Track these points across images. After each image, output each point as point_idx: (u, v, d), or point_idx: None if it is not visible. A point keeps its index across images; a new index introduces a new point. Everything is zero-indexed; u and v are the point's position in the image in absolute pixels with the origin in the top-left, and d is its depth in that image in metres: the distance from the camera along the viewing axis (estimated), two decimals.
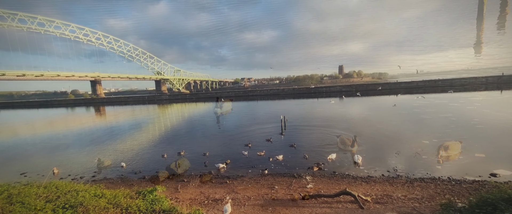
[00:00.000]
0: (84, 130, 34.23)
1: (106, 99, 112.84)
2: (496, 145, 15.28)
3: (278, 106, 50.68)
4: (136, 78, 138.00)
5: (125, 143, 23.35)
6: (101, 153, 19.76)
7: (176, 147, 19.64)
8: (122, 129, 33.38)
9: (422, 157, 13.82)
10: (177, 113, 52.12)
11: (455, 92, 51.46)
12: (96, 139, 26.66)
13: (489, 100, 37.39)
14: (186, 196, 10.63)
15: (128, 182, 13.16)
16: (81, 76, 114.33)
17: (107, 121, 44.09)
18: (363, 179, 11.34)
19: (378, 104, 43.12)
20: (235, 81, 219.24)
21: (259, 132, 23.99)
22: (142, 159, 17.41)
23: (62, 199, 5.99)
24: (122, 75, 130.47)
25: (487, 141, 16.01)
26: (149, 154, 18.58)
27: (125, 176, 14.21)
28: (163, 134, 26.83)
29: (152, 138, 25.01)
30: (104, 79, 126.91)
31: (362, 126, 23.95)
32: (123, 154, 19.02)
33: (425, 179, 10.88)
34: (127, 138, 25.77)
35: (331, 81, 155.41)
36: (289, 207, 9.00)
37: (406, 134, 19.64)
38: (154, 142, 22.75)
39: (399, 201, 8.89)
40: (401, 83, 75.41)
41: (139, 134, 27.71)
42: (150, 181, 12.99)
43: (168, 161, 16.46)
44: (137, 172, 14.79)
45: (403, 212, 8.03)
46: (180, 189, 11.52)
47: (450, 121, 23.11)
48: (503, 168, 11.47)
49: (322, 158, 14.48)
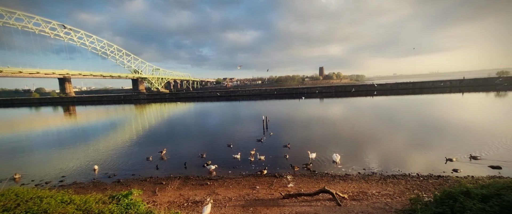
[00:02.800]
0: (51, 131, 31.51)
1: (77, 98, 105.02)
2: (452, 140, 16.78)
3: (260, 107, 50.93)
4: (111, 76, 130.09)
5: (98, 144, 21.91)
6: (70, 156, 18.33)
7: (154, 148, 18.84)
8: (95, 130, 31.29)
9: (395, 155, 14.74)
10: (156, 113, 50.11)
11: (423, 94, 55.65)
12: (64, 140, 24.67)
13: (450, 102, 40.98)
14: (165, 199, 10.24)
15: (100, 186, 12.36)
16: (47, 73, 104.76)
17: (77, 121, 41.03)
18: (341, 177, 11.79)
19: (354, 105, 45.20)
20: (217, 81, 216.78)
21: (242, 132, 23.90)
22: (117, 162, 16.44)
23: (23, 207, 5.42)
24: (95, 73, 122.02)
25: (445, 137, 17.54)
26: (125, 156, 17.62)
27: (97, 180, 13.32)
28: (141, 135, 25.62)
29: (128, 139, 23.74)
30: (74, 77, 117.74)
31: (340, 125, 24.93)
32: (96, 157, 17.82)
33: (396, 176, 11.60)
34: (101, 140, 24.20)
35: (312, 82, 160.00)
36: (270, 206, 9.06)
37: (381, 133, 20.80)
38: (130, 144, 21.62)
39: (373, 197, 9.38)
40: (375, 85, 79.89)
41: (114, 135, 26.17)
42: (125, 185, 12.31)
43: (150, 165, 15.77)
44: (111, 175, 13.95)
45: (377, 207, 8.48)
46: (158, 191, 11.07)
47: (419, 122, 24.96)
48: (460, 161, 12.66)
49: (302, 158, 14.79)
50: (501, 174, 10.92)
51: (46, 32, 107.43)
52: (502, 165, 11.99)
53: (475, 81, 70.05)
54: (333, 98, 61.44)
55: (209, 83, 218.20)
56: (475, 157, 13.27)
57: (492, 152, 14.16)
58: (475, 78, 72.30)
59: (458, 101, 42.45)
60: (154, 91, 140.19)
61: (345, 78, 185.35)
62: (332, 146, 17.25)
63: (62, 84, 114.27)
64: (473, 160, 13.02)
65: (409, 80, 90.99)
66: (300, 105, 50.14)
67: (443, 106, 35.94)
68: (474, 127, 20.58)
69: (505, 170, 11.49)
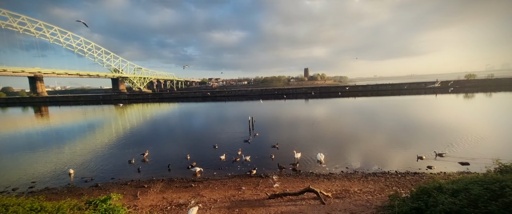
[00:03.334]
0: (19, 134, 29.18)
1: (50, 98, 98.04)
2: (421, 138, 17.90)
3: (246, 107, 50.85)
4: (89, 75, 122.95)
5: (74, 147, 20.63)
6: (42, 160, 17.07)
7: (136, 150, 18.09)
8: (71, 132, 29.43)
9: (376, 153, 15.39)
10: (138, 114, 48.24)
11: (402, 96, 58.72)
12: (35, 143, 22.95)
13: (425, 103, 43.66)
14: (146, 203, 9.87)
15: (76, 191, 11.63)
16: (15, 71, 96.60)
17: (50, 123, 38.32)
18: (325, 176, 12.08)
19: (338, 106, 46.62)
20: (202, 81, 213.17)
21: (227, 133, 23.70)
22: (95, 165, 15.58)
23: None
24: (71, 72, 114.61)
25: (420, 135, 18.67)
26: (104, 159, 16.75)
27: (73, 185, 12.53)
28: (122, 137, 24.48)
29: (107, 141, 22.60)
30: (47, 75, 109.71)
31: (324, 125, 25.59)
32: (71, 160, 16.76)
33: (377, 174, 12.12)
34: (77, 142, 22.82)
35: (297, 83, 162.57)
36: (256, 207, 9.05)
37: (363, 133, 21.62)
38: (109, 146, 20.60)
39: (356, 195, 9.72)
40: (358, 86, 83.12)
41: (92, 137, 24.80)
42: (103, 189, 11.70)
43: (131, 168, 15.12)
44: (88, 179, 13.18)
45: (359, 205, 8.79)
46: (140, 195, 10.64)
47: (397, 122, 26.29)
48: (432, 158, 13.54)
49: (288, 158, 14.96)
50: (469, 170, 11.80)
51: (14, 27, 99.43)
52: (469, 161, 13.01)
53: (447, 83, 75.24)
54: (317, 99, 62.92)
55: (194, 83, 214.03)
56: (440, 154, 14.25)
57: (459, 149, 15.27)
58: (447, 81, 77.67)
59: (431, 102, 45.28)
60: (136, 91, 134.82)
61: (329, 80, 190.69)
62: (316, 146, 17.64)
63: (33, 83, 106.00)
64: (438, 157, 13.94)
65: (389, 82, 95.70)
66: (285, 105, 50.76)
67: (419, 107, 38.17)
68: (444, 126, 22.04)
69: (472, 166, 12.45)
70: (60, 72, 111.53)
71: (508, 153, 13.26)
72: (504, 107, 35.01)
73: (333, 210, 8.41)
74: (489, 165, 8.54)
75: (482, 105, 39.08)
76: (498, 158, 8.24)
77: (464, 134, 18.72)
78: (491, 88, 65.71)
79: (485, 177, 6.38)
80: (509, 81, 71.33)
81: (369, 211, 8.15)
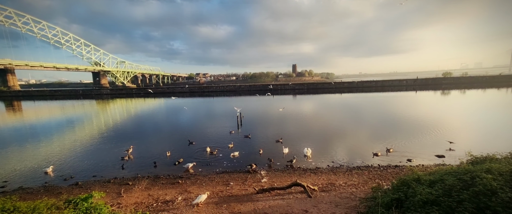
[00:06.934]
0: None
1: (23, 92, 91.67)
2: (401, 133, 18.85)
3: (234, 103, 50.53)
4: (67, 68, 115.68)
5: (51, 144, 19.54)
6: (15, 158, 16.01)
7: (120, 147, 17.46)
8: (47, 128, 27.77)
9: (360, 147, 15.95)
10: (121, 110, 46.43)
11: (385, 92, 61.04)
12: (7, 140, 21.44)
13: (406, 99, 45.74)
14: (131, 200, 9.59)
15: (54, 190, 11.06)
16: None
17: (24, 118, 35.89)
18: (311, 171, 12.36)
19: (325, 102, 47.63)
20: (189, 76, 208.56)
21: (215, 128, 23.48)
22: (75, 163, 14.88)
23: None
24: (47, 64, 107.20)
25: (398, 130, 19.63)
26: (85, 157, 16.01)
27: (50, 184, 11.90)
28: (104, 133, 23.48)
29: (88, 138, 21.60)
30: (19, 67, 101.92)
31: (311, 121, 26.08)
32: (49, 158, 15.87)
33: (361, 167, 12.59)
34: (54, 139, 21.60)
35: (285, 79, 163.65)
36: (244, 202, 9.10)
37: (348, 128, 22.27)
38: (91, 143, 19.71)
39: (341, 188, 10.05)
40: (344, 83, 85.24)
41: (71, 134, 23.57)
42: (84, 188, 11.22)
43: (113, 165, 14.59)
44: (67, 178, 12.57)
45: (344, 197, 9.10)
46: (124, 193, 10.32)
47: (379, 117, 27.34)
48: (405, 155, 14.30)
49: (276, 153, 15.12)
50: (444, 162, 12.57)
51: None
52: (444, 154, 13.90)
53: (426, 80, 79.19)
54: (305, 95, 63.83)
55: (181, 78, 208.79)
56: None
57: (427, 143, 16.21)
58: (426, 78, 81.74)
59: (412, 98, 47.48)
60: (119, 85, 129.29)
61: (317, 76, 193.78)
62: (303, 140, 17.95)
63: (3, 75, 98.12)
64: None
65: (373, 78, 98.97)
66: (273, 101, 51.02)
67: (400, 103, 39.89)
68: (421, 121, 23.25)
69: (447, 158, 13.30)
70: (34, 64, 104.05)
71: (479, 145, 14.24)
72: (474, 103, 37.47)
73: (319, 203, 8.65)
74: (462, 157, 9.13)
75: (457, 101, 41.57)
76: (470, 150, 8.82)
77: (439, 128, 19.86)
78: (464, 85, 70.24)
79: (458, 169, 6.82)
80: (481, 79, 76.84)
81: (353, 203, 8.47)
